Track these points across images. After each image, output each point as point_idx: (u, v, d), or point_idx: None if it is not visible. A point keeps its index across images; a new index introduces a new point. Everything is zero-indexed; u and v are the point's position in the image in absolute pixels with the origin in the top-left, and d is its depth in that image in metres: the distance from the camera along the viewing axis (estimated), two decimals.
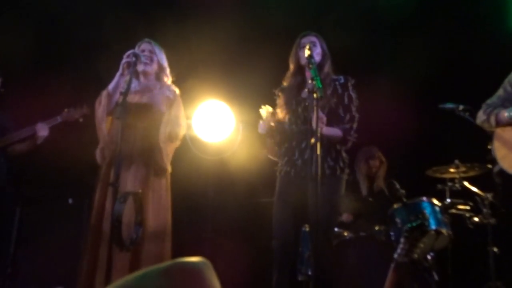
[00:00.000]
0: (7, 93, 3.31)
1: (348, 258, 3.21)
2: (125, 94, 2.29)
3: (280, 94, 2.74)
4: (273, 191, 2.68)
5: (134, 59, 2.49)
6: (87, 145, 2.83)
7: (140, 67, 2.66)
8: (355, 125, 2.59)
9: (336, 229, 3.26)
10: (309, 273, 2.87)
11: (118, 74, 2.58)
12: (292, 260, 2.69)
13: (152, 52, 2.73)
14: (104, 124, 2.60)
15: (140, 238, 2.38)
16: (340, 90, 2.62)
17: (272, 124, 2.56)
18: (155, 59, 2.74)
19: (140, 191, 2.43)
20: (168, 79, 2.80)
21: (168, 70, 2.80)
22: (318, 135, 2.15)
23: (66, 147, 3.52)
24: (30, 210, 3.57)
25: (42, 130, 3.05)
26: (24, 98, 3.47)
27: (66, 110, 3.16)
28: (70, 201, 3.71)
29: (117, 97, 2.53)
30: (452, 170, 3.25)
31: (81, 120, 3.15)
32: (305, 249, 2.98)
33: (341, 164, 2.58)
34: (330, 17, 3.82)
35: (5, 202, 3.12)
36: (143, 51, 2.69)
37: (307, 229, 2.83)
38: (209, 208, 4.05)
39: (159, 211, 2.59)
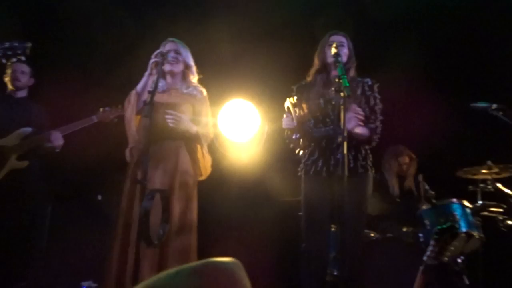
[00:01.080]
0: (45, 88, 3.41)
1: (375, 259, 3.16)
2: (152, 93, 2.33)
3: (300, 91, 2.70)
4: (297, 190, 2.67)
5: (161, 58, 2.53)
6: (115, 143, 2.89)
7: (166, 67, 2.69)
8: (380, 127, 2.60)
9: None
10: (336, 273, 2.83)
11: (146, 74, 2.63)
12: (321, 261, 2.66)
13: (177, 51, 2.76)
14: (133, 123, 2.65)
15: (167, 235, 2.41)
16: (368, 92, 2.63)
17: (296, 121, 2.53)
18: (181, 59, 2.77)
19: (167, 188, 2.46)
20: (194, 78, 2.83)
21: (194, 69, 2.83)
22: (345, 134, 2.12)
23: (95, 145, 3.61)
24: (61, 206, 3.67)
25: (57, 140, 3.11)
26: (61, 96, 3.57)
27: (101, 110, 3.22)
28: (99, 197, 3.81)
29: (145, 96, 2.57)
30: (484, 171, 3.15)
31: (115, 120, 3.21)
32: (333, 249, 2.94)
33: (370, 163, 2.60)
34: (358, 15, 3.77)
35: (37, 198, 3.22)
36: (168, 50, 2.72)
37: (333, 229, 2.80)
38: (233, 207, 4.07)
39: (185, 209, 2.62)
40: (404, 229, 3.08)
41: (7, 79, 3.26)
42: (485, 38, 3.85)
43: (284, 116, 2.56)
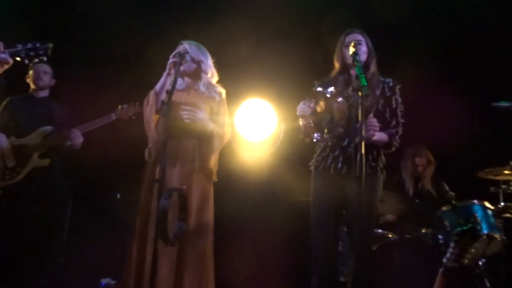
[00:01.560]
0: (64, 88, 3.47)
1: (392, 260, 3.12)
2: (170, 92, 2.35)
3: (321, 86, 2.67)
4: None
5: (179, 59, 2.56)
6: (134, 142, 2.93)
7: (184, 67, 2.72)
8: (400, 131, 2.53)
9: (380, 231, 3.19)
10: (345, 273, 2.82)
11: (164, 73, 2.66)
12: (331, 260, 2.65)
13: (194, 52, 2.79)
14: (152, 123, 2.69)
15: (184, 233, 2.44)
16: (388, 93, 2.56)
17: (311, 111, 2.47)
18: (198, 59, 2.80)
19: (184, 187, 2.48)
20: (212, 78, 2.85)
21: (211, 69, 2.84)
22: (363, 134, 2.10)
23: (114, 144, 3.66)
24: (81, 204, 3.74)
25: (76, 138, 3.16)
26: (80, 95, 3.63)
27: (119, 107, 3.26)
28: (118, 196, 3.86)
29: (164, 96, 2.59)
30: (506, 172, 3.08)
31: (133, 117, 3.24)
32: (345, 249, 2.92)
33: (381, 165, 2.54)
34: (377, 12, 3.72)
35: (58, 195, 3.28)
36: (186, 51, 2.74)
37: (346, 229, 2.77)
38: (249, 207, 4.08)
39: (202, 207, 2.64)
40: (423, 231, 3.03)
41: (29, 79, 3.34)
42: (508, 36, 3.76)
43: (302, 102, 2.48)
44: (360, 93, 2.13)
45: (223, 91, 2.82)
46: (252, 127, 3.86)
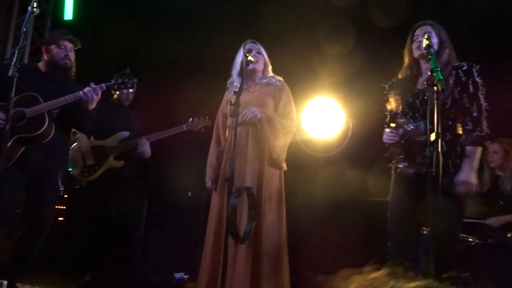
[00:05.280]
0: (139, 97, 3.69)
1: (473, 267, 2.91)
2: (238, 93, 2.40)
3: (391, 88, 2.59)
4: (385, 190, 2.55)
5: (245, 59, 2.62)
6: (205, 142, 3.03)
7: (250, 66, 2.77)
8: (484, 115, 2.31)
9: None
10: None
11: (235, 75, 2.75)
12: (404, 261, 2.52)
13: (259, 52, 2.86)
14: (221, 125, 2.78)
15: (257, 230, 2.48)
16: (464, 78, 2.36)
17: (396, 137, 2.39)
18: (262, 59, 2.86)
19: (253, 186, 2.52)
20: (274, 76, 2.89)
21: (270, 68, 2.91)
22: (439, 131, 1.98)
23: (187, 145, 3.81)
24: (155, 202, 3.94)
25: (143, 146, 3.33)
26: (153, 105, 3.84)
27: (190, 120, 3.42)
28: (189, 194, 4.01)
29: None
30: None
31: (202, 130, 3.39)
32: (423, 254, 2.77)
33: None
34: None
35: (135, 193, 3.48)
36: (250, 50, 2.79)
37: (425, 232, 2.63)
38: (318, 206, 4.03)
39: (274, 203, 2.67)
40: (509, 235, 2.79)
41: (116, 94, 3.54)
42: None
43: (388, 130, 2.39)
44: (435, 88, 2.02)
45: (281, 79, 2.88)
46: (320, 125, 3.83)
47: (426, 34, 2.31)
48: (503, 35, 3.57)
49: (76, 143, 3.36)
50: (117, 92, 3.49)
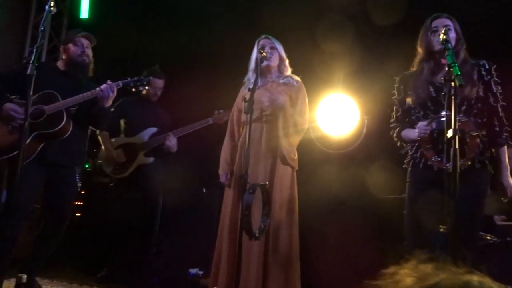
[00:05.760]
0: (166, 91, 3.72)
1: (492, 265, 2.85)
2: (252, 90, 2.41)
3: (403, 81, 2.52)
4: (400, 187, 2.52)
5: (259, 55, 2.62)
6: (219, 140, 3.04)
7: (264, 63, 2.76)
8: (503, 116, 2.32)
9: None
10: None
11: (250, 71, 2.75)
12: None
13: (272, 47, 2.83)
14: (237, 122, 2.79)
15: (271, 228, 2.48)
16: (487, 76, 2.33)
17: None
18: (276, 54, 2.84)
19: (267, 183, 2.52)
20: (288, 71, 2.87)
21: (287, 62, 2.87)
22: (456, 128, 1.94)
23: (202, 141, 3.83)
24: (171, 198, 3.96)
25: (170, 141, 3.37)
26: (180, 99, 3.86)
27: (216, 112, 3.43)
28: (204, 190, 4.04)
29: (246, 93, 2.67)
30: None
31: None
32: (441, 252, 2.73)
33: (488, 158, 2.32)
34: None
35: (152, 189, 3.51)
36: (263, 46, 2.78)
37: (442, 229, 2.59)
38: (332, 203, 4.01)
39: (286, 200, 2.68)
40: None
41: (145, 90, 3.57)
42: None
43: (422, 123, 2.32)
44: (453, 84, 1.98)
45: (299, 79, 2.86)
46: (334, 122, 3.80)
47: (444, 28, 2.25)
48: (503, 35, 3.49)
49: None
50: (146, 88, 3.53)
